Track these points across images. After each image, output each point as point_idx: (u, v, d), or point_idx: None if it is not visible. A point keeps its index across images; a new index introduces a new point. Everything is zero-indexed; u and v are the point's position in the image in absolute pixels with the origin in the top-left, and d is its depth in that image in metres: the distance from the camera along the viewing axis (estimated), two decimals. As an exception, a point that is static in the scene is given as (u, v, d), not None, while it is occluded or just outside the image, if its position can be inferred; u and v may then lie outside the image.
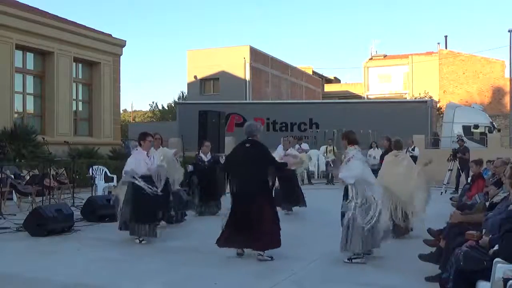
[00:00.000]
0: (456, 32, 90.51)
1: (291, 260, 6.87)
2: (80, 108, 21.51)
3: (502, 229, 4.31)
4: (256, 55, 35.72)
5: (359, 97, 48.00)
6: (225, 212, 7.23)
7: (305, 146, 19.96)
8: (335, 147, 20.39)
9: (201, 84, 36.11)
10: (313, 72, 49.99)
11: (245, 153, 7.04)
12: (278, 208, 10.68)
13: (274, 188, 8.48)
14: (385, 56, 52.64)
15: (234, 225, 6.89)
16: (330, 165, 20.00)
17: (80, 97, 21.42)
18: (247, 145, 7.10)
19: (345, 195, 6.85)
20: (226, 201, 11.19)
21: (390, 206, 8.02)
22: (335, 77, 58.66)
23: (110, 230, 9.01)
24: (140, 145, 8.15)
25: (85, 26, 21.13)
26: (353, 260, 6.67)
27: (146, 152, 8.13)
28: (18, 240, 8.21)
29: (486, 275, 4.25)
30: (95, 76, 21.48)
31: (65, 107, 19.68)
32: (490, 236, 4.75)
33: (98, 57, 21.22)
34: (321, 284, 5.88)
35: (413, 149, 16.65)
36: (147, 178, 7.90)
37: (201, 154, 11.25)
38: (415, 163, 9.99)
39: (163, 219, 8.82)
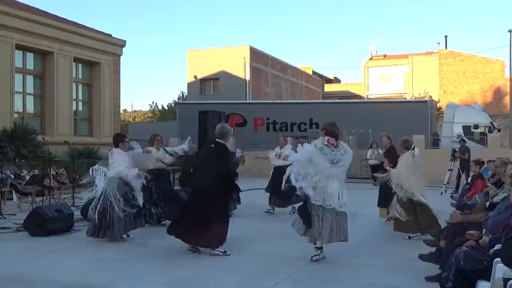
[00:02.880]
0: (456, 32, 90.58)
1: (291, 260, 6.87)
2: (80, 108, 21.51)
3: (508, 236, 4.28)
4: (256, 55, 35.71)
5: (359, 97, 48.00)
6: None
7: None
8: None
9: (201, 84, 36.10)
10: (313, 72, 49.99)
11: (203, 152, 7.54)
12: None
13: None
14: (385, 56, 52.65)
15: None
16: None
17: (80, 97, 21.42)
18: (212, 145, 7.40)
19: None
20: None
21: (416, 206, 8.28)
22: (335, 77, 58.68)
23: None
24: (118, 146, 8.19)
25: (85, 26, 21.13)
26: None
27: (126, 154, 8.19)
28: (18, 240, 8.21)
29: (486, 275, 4.25)
30: (95, 76, 21.48)
31: (65, 107, 19.67)
32: (490, 236, 4.75)
33: (98, 57, 21.22)
34: (321, 284, 5.88)
35: (413, 149, 16.66)
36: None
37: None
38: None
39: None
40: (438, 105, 33.56)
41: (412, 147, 17.92)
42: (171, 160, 9.70)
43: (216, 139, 7.33)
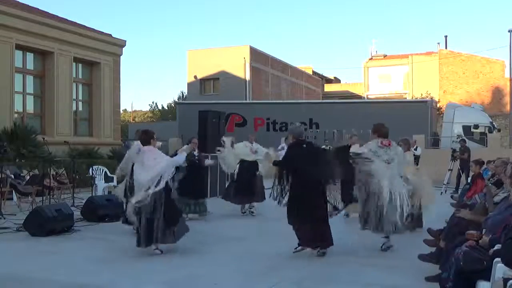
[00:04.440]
0: (456, 32, 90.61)
1: (291, 260, 6.87)
2: (80, 108, 21.50)
3: (508, 236, 4.29)
4: (256, 55, 35.70)
5: (359, 97, 47.98)
6: None
7: None
8: (331, 148, 20.38)
9: (201, 84, 36.10)
10: (313, 72, 49.96)
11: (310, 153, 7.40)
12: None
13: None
14: (385, 56, 52.61)
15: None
16: None
17: (80, 97, 21.40)
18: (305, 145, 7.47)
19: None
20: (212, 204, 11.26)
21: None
22: (335, 77, 58.64)
23: (110, 230, 9.02)
24: (150, 144, 7.39)
25: (85, 26, 21.12)
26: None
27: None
28: (18, 240, 8.21)
29: (486, 275, 4.25)
30: (95, 76, 21.47)
31: (65, 107, 19.67)
32: (490, 236, 4.75)
33: (98, 57, 21.21)
34: (321, 284, 5.88)
35: (415, 149, 16.69)
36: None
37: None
38: (417, 162, 10.24)
39: None
40: (438, 105, 33.55)
41: (415, 147, 17.96)
42: None
43: (299, 139, 7.43)
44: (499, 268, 4.09)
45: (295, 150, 7.36)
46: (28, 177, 12.35)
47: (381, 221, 7.19)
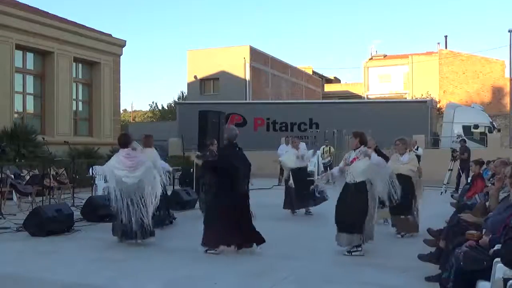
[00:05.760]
0: (456, 32, 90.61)
1: (291, 260, 6.87)
2: (80, 108, 21.51)
3: (508, 236, 4.28)
4: (256, 55, 35.70)
5: (359, 97, 48.00)
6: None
7: (302, 146, 19.75)
8: (331, 148, 20.36)
9: (201, 84, 36.11)
10: (313, 72, 49.97)
11: (242, 156, 7.50)
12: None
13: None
14: (385, 56, 52.64)
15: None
16: (327, 168, 19.92)
17: (80, 97, 21.42)
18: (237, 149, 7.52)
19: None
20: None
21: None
22: (335, 77, 58.66)
23: (110, 230, 9.00)
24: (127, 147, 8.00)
25: (85, 26, 21.13)
26: (353, 253, 6.98)
27: None
28: (18, 240, 8.21)
29: (486, 275, 4.25)
30: (95, 76, 21.48)
31: (65, 107, 19.67)
32: (490, 236, 4.75)
33: (98, 57, 21.21)
34: (321, 284, 5.88)
35: (416, 149, 16.69)
36: None
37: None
38: (419, 162, 10.19)
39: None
40: (438, 105, 33.55)
41: (416, 147, 17.94)
42: None
43: (233, 142, 7.46)
44: (499, 268, 4.09)
45: (230, 150, 7.46)
46: (28, 177, 12.35)
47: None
